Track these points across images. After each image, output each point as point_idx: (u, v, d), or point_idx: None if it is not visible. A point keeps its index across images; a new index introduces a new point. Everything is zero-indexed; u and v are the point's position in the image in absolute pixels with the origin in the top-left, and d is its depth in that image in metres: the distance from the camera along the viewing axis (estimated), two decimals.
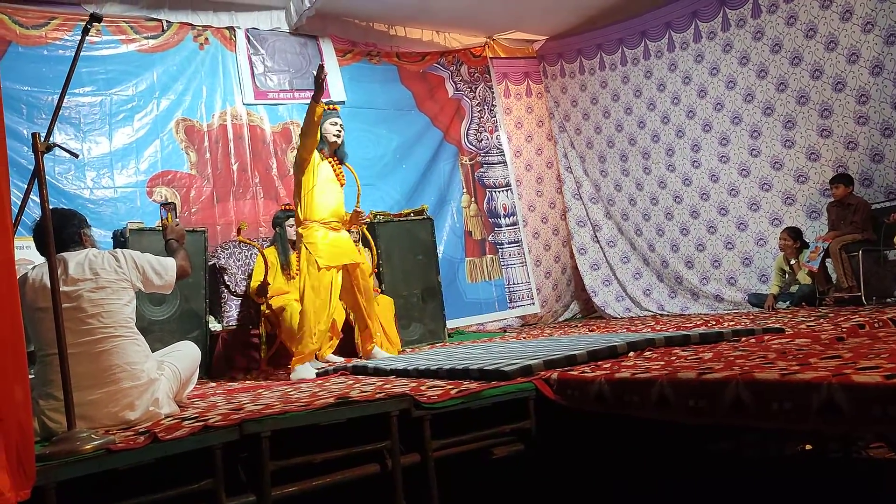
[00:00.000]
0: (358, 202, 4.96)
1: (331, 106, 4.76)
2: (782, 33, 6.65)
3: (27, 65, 5.81)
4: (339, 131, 4.69)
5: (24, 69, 5.78)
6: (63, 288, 2.62)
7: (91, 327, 2.66)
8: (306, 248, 4.44)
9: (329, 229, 4.55)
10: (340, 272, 4.55)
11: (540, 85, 8.81)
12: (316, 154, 4.58)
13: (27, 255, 5.01)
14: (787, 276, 6.44)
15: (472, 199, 8.16)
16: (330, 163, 4.69)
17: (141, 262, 2.89)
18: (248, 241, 5.70)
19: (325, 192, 4.58)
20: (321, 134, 4.61)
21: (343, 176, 4.77)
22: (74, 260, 2.73)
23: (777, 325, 3.84)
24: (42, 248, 2.74)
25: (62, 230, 2.79)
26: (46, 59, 5.89)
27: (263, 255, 5.53)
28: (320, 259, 4.37)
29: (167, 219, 3.40)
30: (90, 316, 2.66)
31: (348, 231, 4.85)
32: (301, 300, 4.41)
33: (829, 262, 5.97)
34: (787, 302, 6.29)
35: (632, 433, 2.70)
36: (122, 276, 2.80)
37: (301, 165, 4.55)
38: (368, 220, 5.01)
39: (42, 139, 2.32)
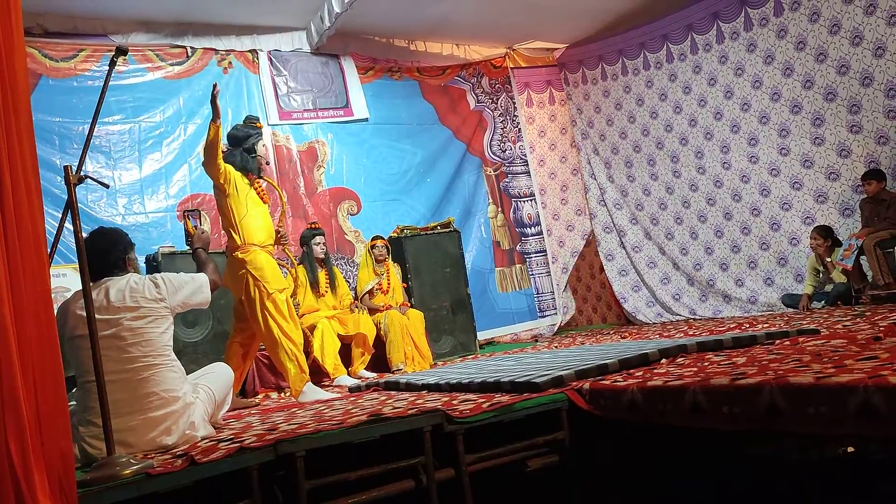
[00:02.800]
0: (281, 221, 4.65)
1: (257, 123, 4.46)
2: (806, 30, 6.57)
3: (57, 96, 5.96)
4: (266, 150, 4.29)
5: (55, 101, 5.93)
6: (104, 316, 2.66)
7: (131, 356, 2.69)
8: (252, 276, 4.09)
9: (267, 252, 4.25)
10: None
11: (562, 93, 8.80)
12: (238, 175, 4.23)
13: (63, 283, 5.12)
14: (821, 275, 6.33)
15: (499, 209, 8.17)
16: (253, 182, 4.36)
17: (178, 285, 2.91)
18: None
19: (256, 213, 4.26)
20: (255, 155, 4.34)
21: (266, 193, 4.43)
22: (116, 286, 2.75)
23: (812, 326, 3.78)
24: (92, 276, 2.79)
25: (108, 254, 2.82)
26: (76, 90, 6.04)
27: (293, 275, 5.57)
28: (269, 284, 4.10)
29: (192, 226, 3.39)
30: (130, 344, 2.69)
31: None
32: (267, 332, 4.09)
33: (863, 260, 5.86)
34: (823, 301, 6.19)
35: (666, 441, 2.68)
36: (163, 305, 2.81)
37: (222, 190, 4.18)
38: (291, 243, 4.59)
39: (74, 171, 2.37)
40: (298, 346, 4.17)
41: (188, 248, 3.43)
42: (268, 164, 4.38)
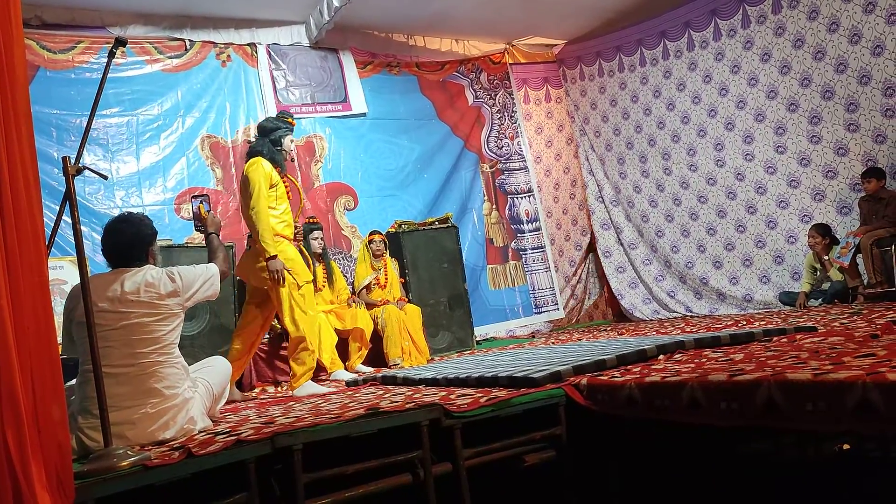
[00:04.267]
0: (298, 215, 4.67)
1: (290, 119, 4.56)
2: (804, 28, 6.57)
3: (55, 88, 5.93)
4: (293, 146, 4.53)
5: (53, 93, 5.90)
6: (118, 308, 2.66)
7: (137, 351, 2.67)
8: (283, 267, 4.18)
9: (292, 245, 4.39)
10: None
11: (560, 89, 8.79)
12: (274, 173, 4.29)
13: (60, 275, 5.11)
14: (818, 273, 6.35)
15: (494, 206, 8.16)
16: (283, 177, 4.46)
17: (193, 279, 2.90)
18: None
19: (285, 209, 4.38)
20: (280, 149, 4.40)
21: (290, 190, 4.51)
22: (132, 279, 2.73)
23: (809, 324, 3.78)
24: (112, 262, 2.82)
25: (131, 247, 2.81)
26: (74, 82, 6.01)
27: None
28: (299, 276, 4.23)
29: (206, 211, 3.37)
30: (139, 340, 2.68)
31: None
32: (292, 321, 4.16)
33: (860, 258, 5.87)
34: (820, 299, 6.20)
35: (664, 437, 2.68)
36: (176, 301, 2.81)
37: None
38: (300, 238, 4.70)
39: (72, 162, 2.37)
40: (316, 336, 4.32)
41: (200, 232, 3.42)
42: (292, 160, 4.41)
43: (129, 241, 2.81)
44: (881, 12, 6.00)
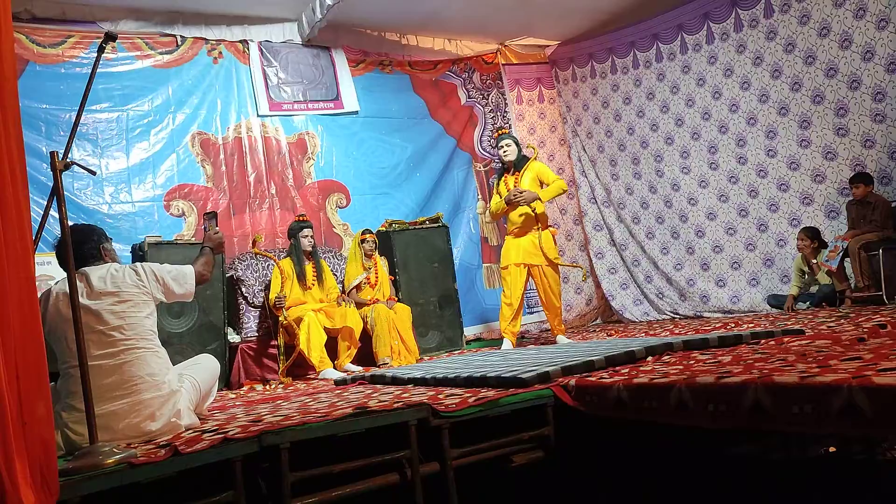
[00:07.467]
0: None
1: (502, 130, 5.87)
2: (795, 32, 6.60)
3: (45, 83, 5.88)
4: (506, 151, 5.58)
5: (42, 87, 5.86)
6: (87, 302, 2.67)
7: (113, 339, 2.69)
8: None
9: (514, 236, 5.58)
10: (521, 267, 5.52)
11: (552, 90, 8.80)
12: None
13: (47, 271, 5.08)
14: (806, 276, 6.38)
15: (488, 205, 8.15)
16: (506, 180, 5.61)
17: (161, 274, 2.93)
18: (263, 254, 5.72)
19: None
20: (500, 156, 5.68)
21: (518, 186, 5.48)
22: (96, 274, 2.78)
23: (797, 327, 3.80)
24: (64, 263, 2.80)
25: (82, 246, 2.85)
26: (63, 76, 5.97)
27: (280, 267, 5.55)
28: (502, 261, 5.65)
29: (204, 229, 3.48)
30: (113, 328, 2.70)
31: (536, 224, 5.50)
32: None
33: (847, 262, 5.90)
34: (808, 302, 6.23)
35: (652, 438, 2.69)
36: (143, 290, 2.84)
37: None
38: (523, 200, 5.44)
39: (60, 157, 2.35)
40: (506, 308, 5.65)
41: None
42: (518, 156, 5.65)
43: (79, 241, 2.83)
44: (872, 18, 6.03)
